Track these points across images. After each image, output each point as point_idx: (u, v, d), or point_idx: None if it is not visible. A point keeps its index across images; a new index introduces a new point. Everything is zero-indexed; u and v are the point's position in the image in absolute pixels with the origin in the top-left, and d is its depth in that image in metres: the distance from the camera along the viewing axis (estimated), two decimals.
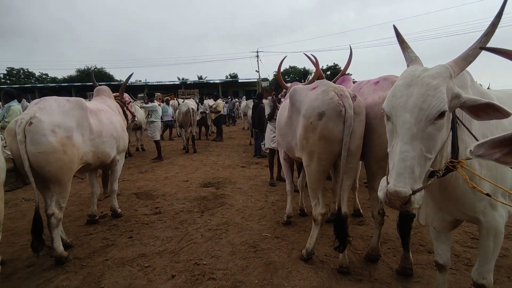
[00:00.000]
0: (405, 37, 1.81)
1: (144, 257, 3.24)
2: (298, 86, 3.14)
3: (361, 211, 4.21)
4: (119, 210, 4.43)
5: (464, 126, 1.64)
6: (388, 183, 1.37)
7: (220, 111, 11.85)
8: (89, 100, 4.49)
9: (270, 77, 46.03)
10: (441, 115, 1.32)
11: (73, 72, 49.60)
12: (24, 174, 2.96)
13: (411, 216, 2.60)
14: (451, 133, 1.53)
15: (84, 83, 35.58)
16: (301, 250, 3.17)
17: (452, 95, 1.38)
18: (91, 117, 3.59)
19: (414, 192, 1.32)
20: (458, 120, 1.62)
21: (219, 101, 12.25)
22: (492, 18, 1.47)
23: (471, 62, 1.50)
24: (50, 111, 3.13)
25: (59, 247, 3.14)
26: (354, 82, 4.28)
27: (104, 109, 4.07)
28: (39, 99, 3.35)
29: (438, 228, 2.01)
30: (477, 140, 1.58)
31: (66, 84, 39.89)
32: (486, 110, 1.34)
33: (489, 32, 1.46)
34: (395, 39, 1.85)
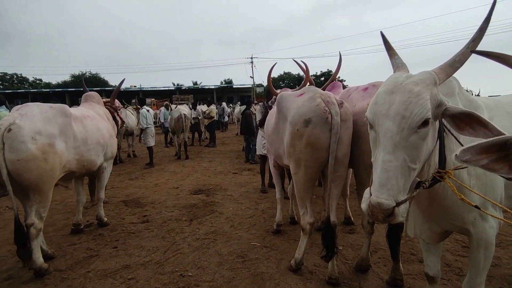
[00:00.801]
0: (399, 44, 1.78)
1: (128, 268, 3.13)
2: (286, 92, 3.08)
3: (352, 218, 4.15)
4: (105, 219, 4.31)
5: (452, 134, 1.58)
6: (371, 195, 1.31)
7: (213, 117, 11.78)
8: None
9: (265, 83, 46.12)
10: (425, 123, 1.26)
11: (67, 78, 49.24)
12: (1, 183, 2.85)
13: (400, 226, 2.54)
14: (438, 142, 1.47)
15: (78, 89, 35.26)
16: (290, 260, 3.09)
17: (436, 103, 1.32)
18: (76, 124, 3.50)
19: (398, 204, 1.25)
20: (445, 129, 1.57)
21: (212, 106, 12.19)
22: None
23: (458, 68, 1.44)
24: (31, 118, 3.04)
25: (39, 258, 3.02)
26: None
27: (90, 115, 3.98)
28: (21, 105, 3.26)
29: (427, 240, 1.94)
30: None
31: (60, 89, 39.55)
32: (470, 123, 1.24)
33: (477, 37, 1.42)
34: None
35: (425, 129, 1.29)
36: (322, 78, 42.50)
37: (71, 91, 35.94)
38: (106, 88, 34.83)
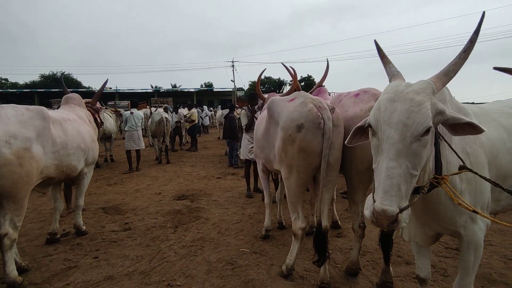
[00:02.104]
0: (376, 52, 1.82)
1: (111, 279, 2.97)
2: (276, 97, 3.08)
3: (339, 222, 4.19)
4: (84, 227, 4.09)
5: (445, 141, 1.64)
6: (374, 201, 1.32)
7: (194, 121, 11.61)
8: (54, 108, 4.18)
9: (246, 87, 46.29)
10: (427, 131, 1.30)
11: (36, 78, 46.87)
12: None
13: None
14: (434, 149, 1.52)
15: (49, 89, 33.70)
16: (280, 266, 3.06)
17: (436, 111, 1.37)
18: (55, 128, 3.31)
19: (401, 210, 1.28)
20: (440, 135, 1.62)
21: (194, 110, 12.03)
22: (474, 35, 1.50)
23: (452, 78, 1.51)
24: (6, 120, 2.84)
25: (13, 271, 2.81)
26: (329, 94, 4.34)
27: (71, 118, 3.77)
28: None
29: (421, 243, 1.99)
30: (458, 155, 1.59)
31: (28, 90, 37.56)
32: (464, 126, 1.42)
33: (467, 48, 1.49)
34: (366, 52, 1.87)
35: (427, 137, 1.33)
36: (303, 83, 43.24)
37: (41, 92, 34.26)
38: (80, 90, 33.50)
